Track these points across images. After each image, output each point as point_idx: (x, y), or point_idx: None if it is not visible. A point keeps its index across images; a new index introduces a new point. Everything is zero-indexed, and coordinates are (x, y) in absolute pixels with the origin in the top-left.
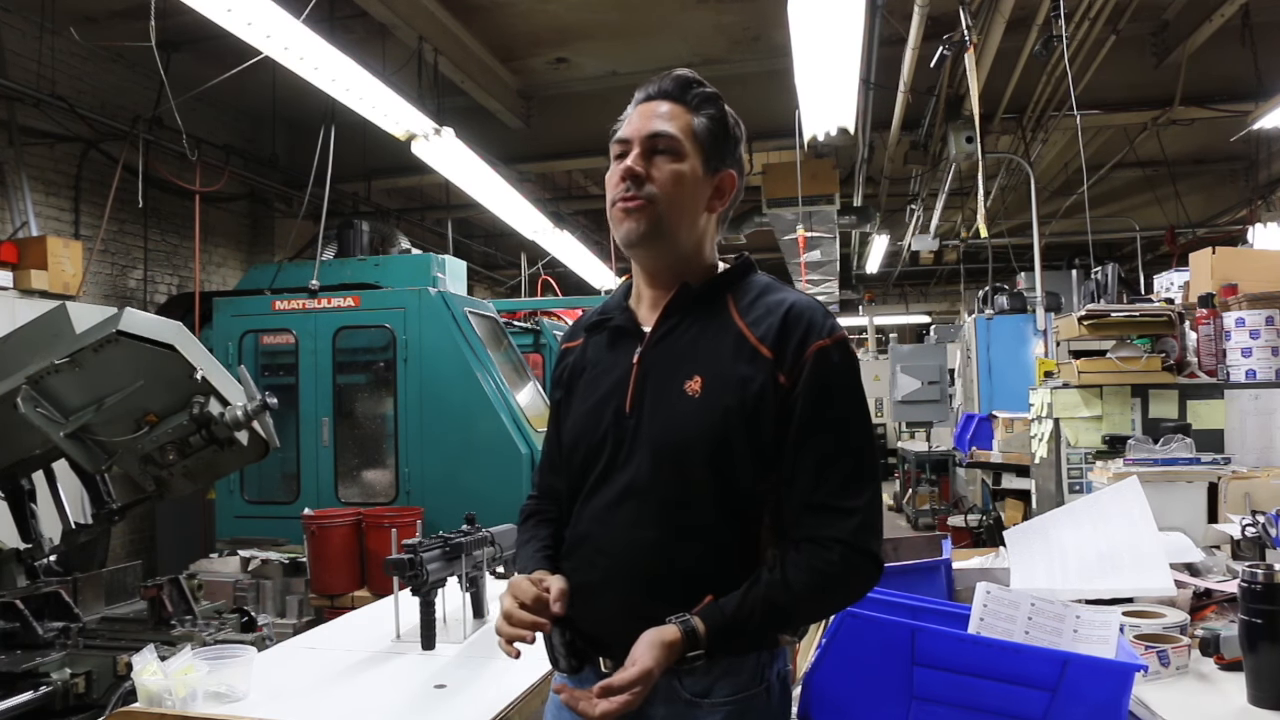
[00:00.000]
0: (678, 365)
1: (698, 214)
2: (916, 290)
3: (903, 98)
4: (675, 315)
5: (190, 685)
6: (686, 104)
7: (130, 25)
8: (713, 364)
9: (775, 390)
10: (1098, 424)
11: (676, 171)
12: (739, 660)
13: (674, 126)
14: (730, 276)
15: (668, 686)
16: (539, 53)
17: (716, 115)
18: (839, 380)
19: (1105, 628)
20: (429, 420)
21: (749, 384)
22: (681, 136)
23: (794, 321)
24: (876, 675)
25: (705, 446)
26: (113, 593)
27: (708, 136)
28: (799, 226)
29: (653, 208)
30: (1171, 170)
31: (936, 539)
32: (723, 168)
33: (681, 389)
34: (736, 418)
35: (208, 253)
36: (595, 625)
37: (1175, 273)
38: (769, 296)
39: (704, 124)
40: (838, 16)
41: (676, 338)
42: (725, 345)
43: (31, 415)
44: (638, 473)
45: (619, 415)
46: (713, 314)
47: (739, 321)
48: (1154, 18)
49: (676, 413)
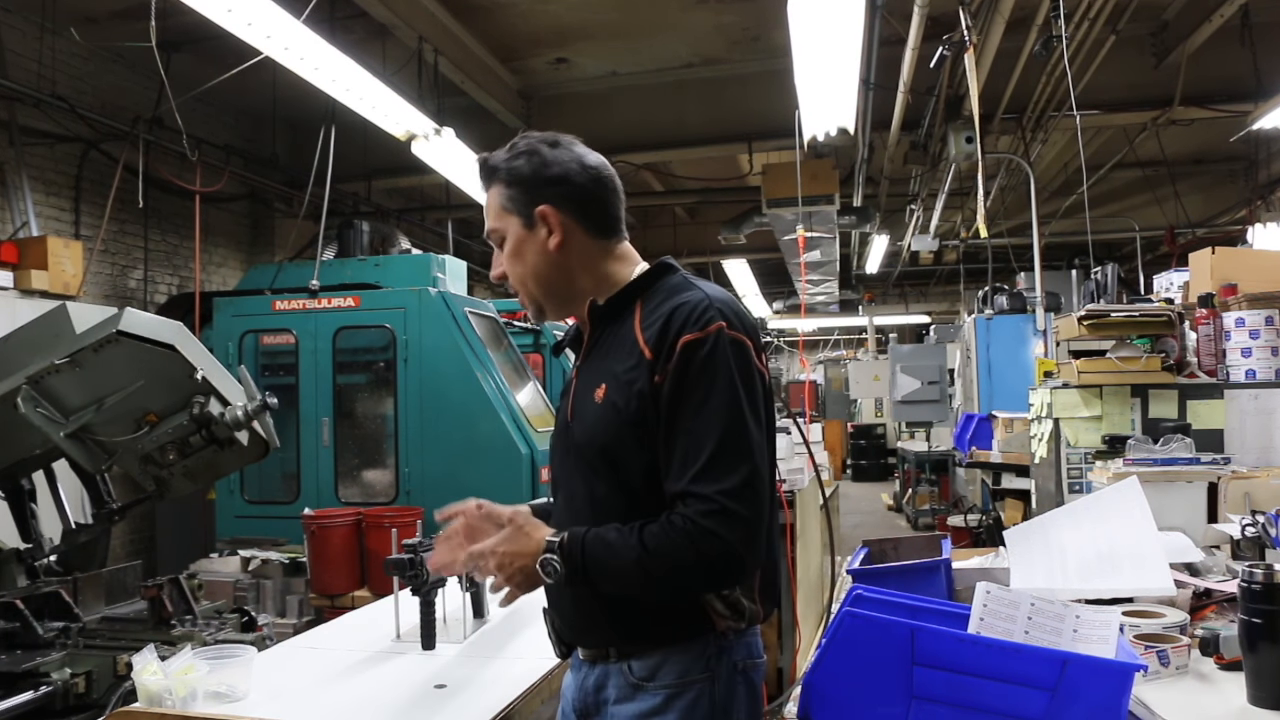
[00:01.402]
0: (593, 375)
1: (549, 266)
2: (916, 290)
3: (903, 98)
4: (598, 329)
5: (190, 685)
6: (491, 183)
7: (130, 25)
8: (613, 371)
9: (653, 390)
10: (1097, 424)
11: (508, 255)
12: (684, 646)
13: (491, 217)
14: (640, 284)
15: (618, 670)
16: (539, 53)
17: (511, 169)
18: (703, 370)
19: (1105, 628)
20: (429, 420)
21: (632, 386)
22: (495, 223)
23: (673, 319)
24: (876, 675)
25: (601, 448)
26: (113, 593)
27: (509, 202)
28: (799, 226)
29: (523, 294)
30: (1171, 170)
31: (936, 539)
32: (533, 210)
33: (592, 396)
34: (623, 419)
35: (208, 253)
36: (559, 614)
37: (1175, 273)
38: (671, 299)
39: (503, 189)
40: (838, 16)
41: (597, 349)
42: (624, 351)
43: (32, 415)
44: (571, 475)
45: (565, 424)
46: (620, 323)
47: (637, 327)
48: (1154, 18)
49: (588, 417)
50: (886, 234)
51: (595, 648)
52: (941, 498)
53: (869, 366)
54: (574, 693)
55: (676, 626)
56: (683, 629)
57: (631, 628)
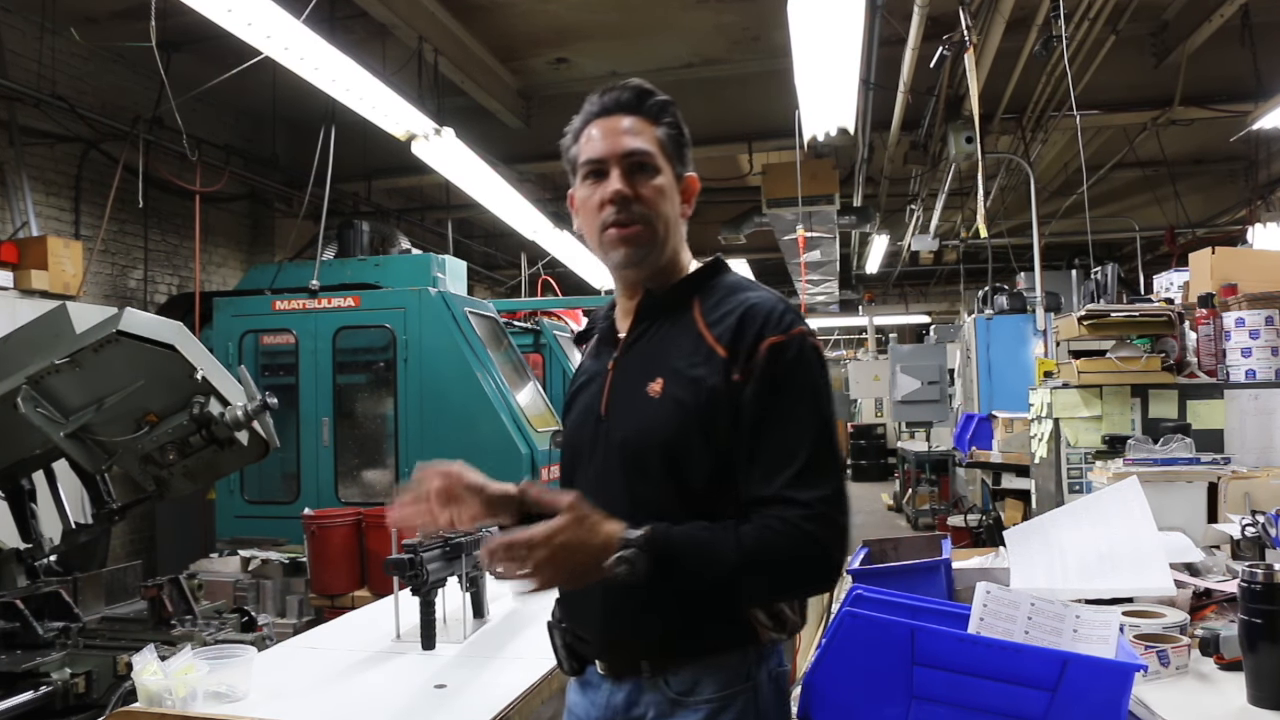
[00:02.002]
0: (644, 368)
1: (678, 224)
2: (916, 290)
3: (903, 98)
4: (645, 320)
5: (190, 685)
6: (647, 115)
7: (131, 25)
8: (673, 365)
9: (730, 389)
10: (1097, 424)
11: (658, 188)
12: (723, 657)
13: (645, 141)
14: (697, 279)
15: (653, 684)
16: (539, 53)
17: (674, 123)
18: (793, 375)
19: (1105, 627)
20: (429, 420)
21: (703, 383)
22: (654, 150)
23: (749, 319)
24: (876, 675)
25: (661, 445)
26: (113, 592)
27: (671, 145)
28: (799, 226)
29: (646, 230)
30: (1171, 170)
31: (936, 539)
32: (685, 173)
33: (645, 391)
34: (691, 416)
35: (208, 253)
36: (583, 626)
37: (1175, 273)
38: (733, 296)
39: (666, 133)
40: (838, 16)
41: (645, 342)
42: (686, 347)
43: (32, 415)
44: (608, 473)
45: (597, 419)
46: (678, 316)
47: (700, 323)
48: (1154, 18)
49: (638, 413)
50: (886, 234)
51: (625, 662)
52: (941, 498)
53: (869, 366)
54: (597, 712)
55: (715, 638)
56: (722, 640)
57: (668, 640)
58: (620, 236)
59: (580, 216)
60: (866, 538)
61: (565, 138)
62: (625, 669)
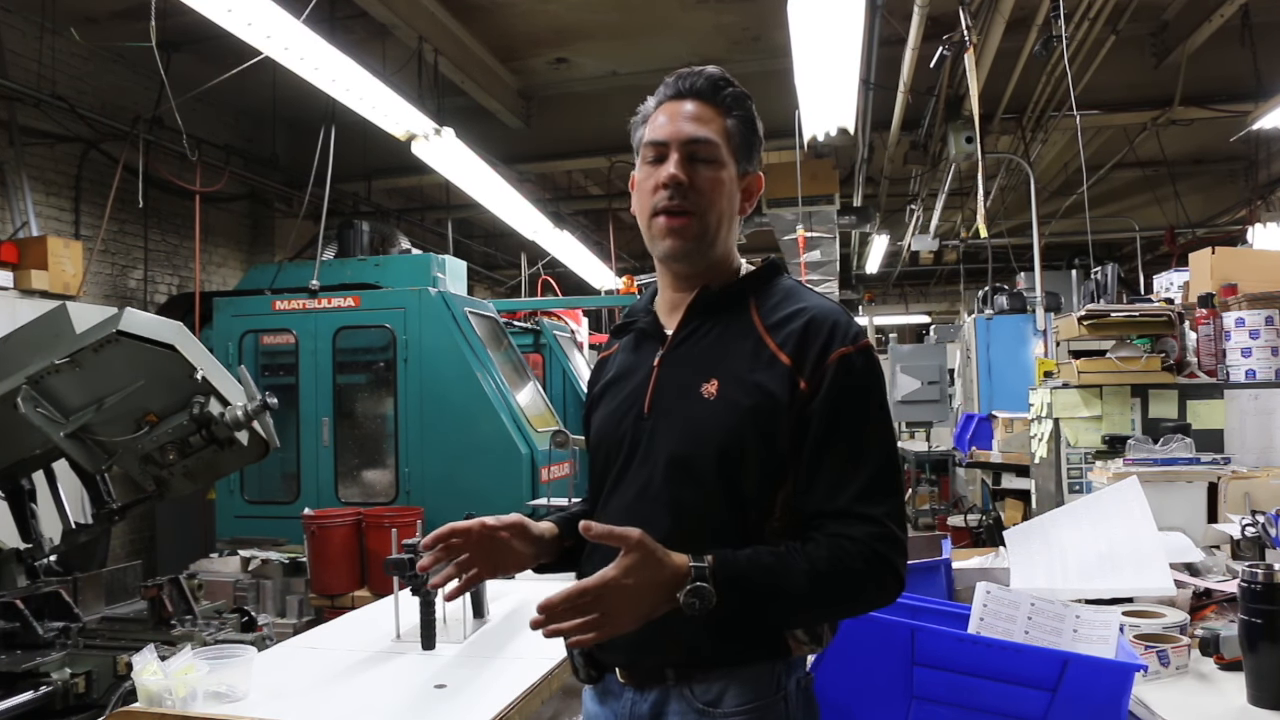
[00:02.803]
0: (696, 368)
1: (733, 220)
2: (916, 290)
3: (903, 98)
4: (697, 318)
5: (190, 685)
6: (718, 105)
7: (131, 25)
8: (730, 368)
9: (794, 398)
10: (1097, 424)
11: (717, 180)
12: (751, 667)
13: (711, 130)
14: (755, 279)
15: (678, 694)
16: (539, 53)
17: (747, 117)
18: (862, 387)
19: (1105, 627)
20: (429, 420)
21: (764, 389)
22: (719, 141)
23: (816, 328)
24: (876, 675)
25: (715, 450)
26: (113, 592)
27: (739, 139)
28: (799, 226)
29: (698, 221)
30: (1171, 170)
31: (936, 539)
32: (750, 170)
33: (698, 392)
34: (749, 423)
35: (208, 253)
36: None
37: (1175, 273)
38: (793, 302)
39: (736, 126)
40: (838, 16)
41: (697, 340)
42: (744, 350)
43: (32, 415)
44: (652, 474)
45: (638, 417)
46: (734, 317)
47: (759, 326)
48: (1154, 18)
49: (691, 415)
50: (886, 234)
51: (650, 669)
52: (941, 498)
53: None
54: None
55: (745, 646)
56: (751, 648)
57: (696, 647)
58: (669, 226)
59: (635, 198)
60: None
61: (635, 117)
62: (649, 677)
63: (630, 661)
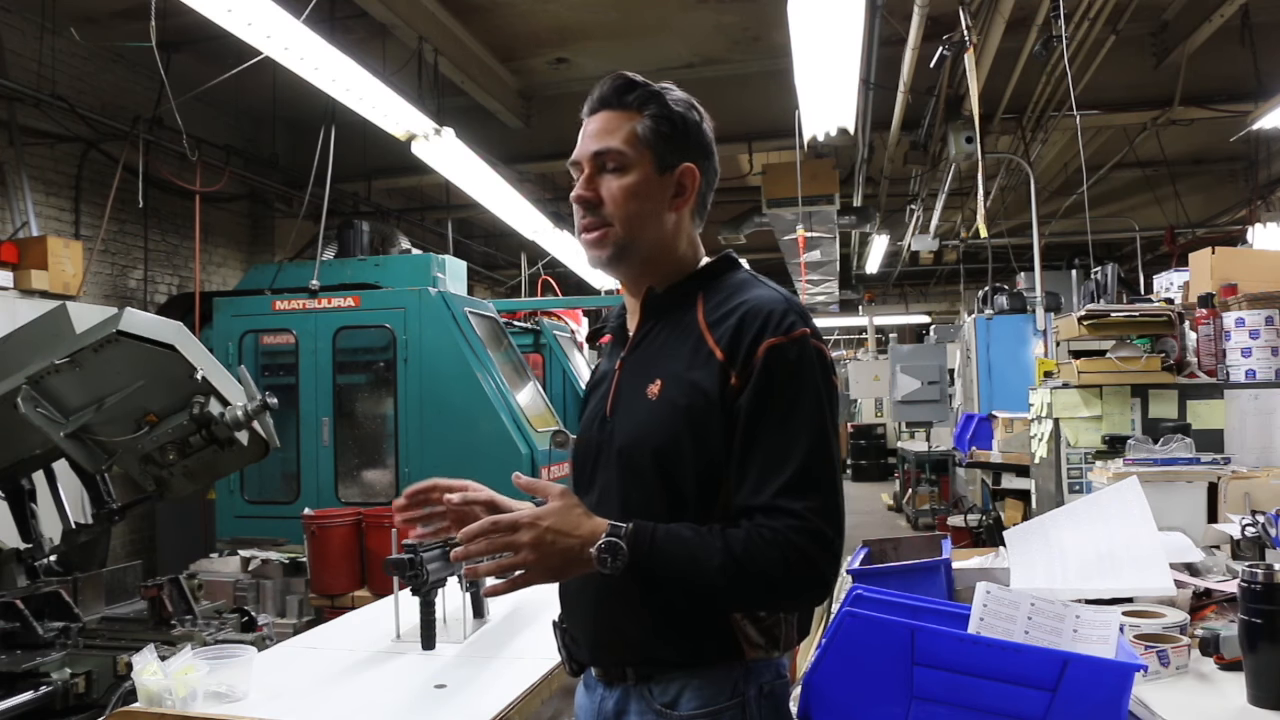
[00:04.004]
0: (646, 369)
1: (660, 219)
2: (916, 290)
3: (903, 98)
4: (650, 320)
5: (190, 685)
6: (627, 108)
7: (131, 25)
8: (671, 368)
9: (724, 393)
10: (1097, 424)
11: (625, 186)
12: (709, 671)
13: (616, 139)
14: (703, 275)
15: (639, 693)
16: (539, 53)
17: (660, 113)
18: (790, 379)
19: (1105, 627)
20: (429, 420)
21: (699, 388)
22: (624, 147)
23: (749, 320)
24: (876, 675)
25: (652, 449)
26: (113, 592)
27: (654, 137)
28: (799, 227)
29: (611, 230)
30: (1171, 170)
31: (936, 539)
32: (679, 163)
33: (644, 392)
34: (684, 422)
35: (208, 253)
36: (578, 630)
37: (1175, 273)
38: (737, 295)
39: (648, 125)
40: (838, 17)
41: (650, 342)
42: (686, 348)
43: (32, 415)
44: (609, 475)
45: (602, 420)
46: (681, 316)
47: (702, 323)
48: (1153, 18)
49: (636, 415)
50: (886, 234)
51: (611, 667)
52: (941, 498)
53: (869, 366)
54: (592, 716)
55: (702, 649)
56: (709, 652)
57: (653, 647)
58: (585, 240)
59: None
60: (866, 538)
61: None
62: (613, 676)
63: (594, 660)
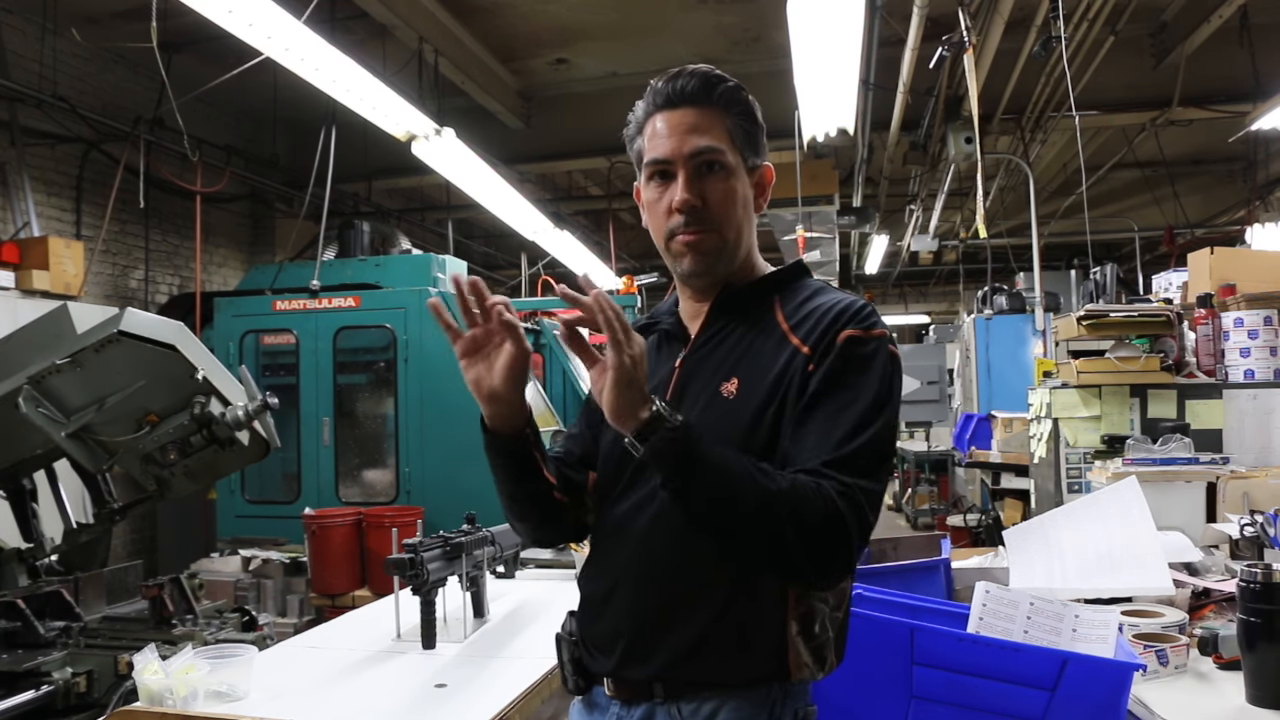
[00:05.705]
0: (718, 368)
1: (752, 223)
2: (916, 290)
3: (902, 98)
4: (721, 318)
5: (191, 684)
6: (716, 106)
7: (132, 26)
8: (752, 366)
9: (803, 379)
10: (1096, 424)
11: (729, 190)
12: (747, 690)
13: (713, 138)
14: (779, 279)
15: (666, 711)
16: (539, 53)
17: (746, 110)
18: (863, 369)
19: (1104, 627)
20: (429, 420)
21: (780, 381)
22: (724, 147)
23: (833, 313)
24: (876, 674)
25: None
26: (114, 592)
27: (743, 136)
28: (798, 227)
29: (716, 237)
30: (1170, 171)
31: (936, 539)
32: (759, 164)
33: (717, 391)
34: (761, 416)
35: (209, 253)
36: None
37: (1174, 273)
38: (819, 298)
39: (737, 123)
40: (837, 17)
41: (720, 341)
42: (768, 348)
43: (33, 415)
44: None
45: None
46: (758, 316)
47: (783, 324)
48: (1152, 19)
49: (707, 415)
50: (886, 234)
51: (637, 683)
52: (941, 497)
53: None
54: None
55: (749, 664)
56: (755, 669)
57: (697, 658)
58: (687, 243)
59: (648, 217)
60: None
61: (629, 126)
62: (636, 692)
63: (618, 671)
